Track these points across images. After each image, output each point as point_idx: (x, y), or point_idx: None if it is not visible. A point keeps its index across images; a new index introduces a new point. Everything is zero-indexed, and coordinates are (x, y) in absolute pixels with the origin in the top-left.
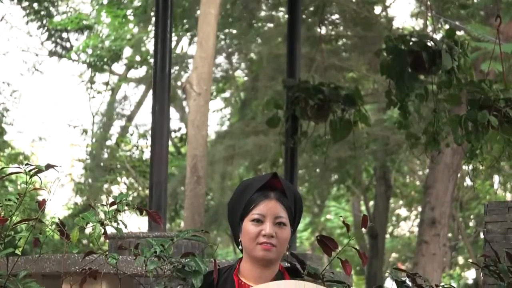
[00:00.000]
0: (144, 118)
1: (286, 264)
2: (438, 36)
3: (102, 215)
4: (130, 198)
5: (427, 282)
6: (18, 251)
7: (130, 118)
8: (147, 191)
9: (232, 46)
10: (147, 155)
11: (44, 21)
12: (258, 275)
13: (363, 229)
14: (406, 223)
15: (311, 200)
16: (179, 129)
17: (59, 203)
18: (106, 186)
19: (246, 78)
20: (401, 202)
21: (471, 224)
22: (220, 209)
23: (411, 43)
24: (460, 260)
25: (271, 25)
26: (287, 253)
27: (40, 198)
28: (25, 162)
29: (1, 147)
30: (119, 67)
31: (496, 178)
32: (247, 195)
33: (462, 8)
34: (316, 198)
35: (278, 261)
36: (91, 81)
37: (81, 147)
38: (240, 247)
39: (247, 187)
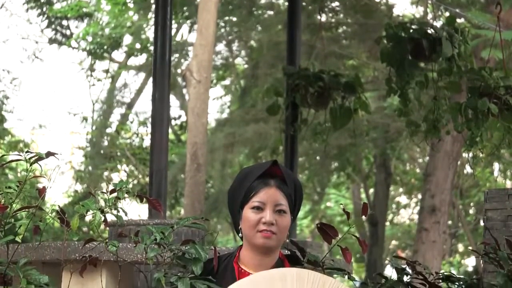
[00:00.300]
0: (144, 106)
1: (286, 251)
2: (438, 24)
3: (102, 203)
4: (130, 185)
5: (427, 270)
6: (18, 239)
7: (130, 106)
8: (147, 179)
9: (232, 33)
10: (147, 142)
11: (44, 9)
12: (258, 263)
13: (363, 217)
14: (406, 211)
15: (311, 187)
16: (179, 116)
17: (59, 190)
18: (106, 173)
19: (246, 66)
20: (401, 189)
21: (471, 211)
22: (220, 196)
23: (411, 30)
24: (460, 247)
25: (271, 12)
26: (287, 240)
27: (40, 186)
28: (25, 149)
29: (1, 134)
30: (119, 54)
31: (496, 166)
32: (247, 182)
33: None
34: (316, 185)
35: (278, 249)
36: (91, 68)
37: (81, 134)
38: (240, 234)
39: (247, 174)
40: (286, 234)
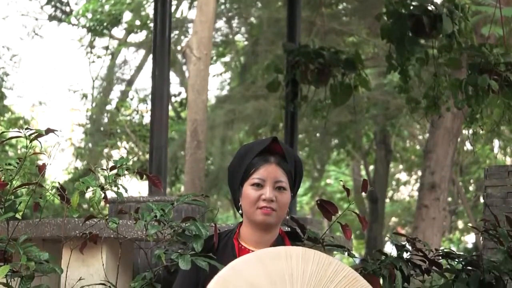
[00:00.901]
0: (144, 83)
1: (287, 228)
2: (438, 0)
3: (102, 180)
4: (130, 162)
5: (426, 246)
6: (18, 216)
7: (130, 83)
8: (147, 156)
9: (232, 10)
10: (147, 119)
11: None
12: (258, 239)
13: (363, 194)
14: (406, 188)
15: (311, 164)
16: (179, 93)
17: (59, 167)
18: (106, 150)
19: (246, 43)
20: (401, 166)
21: (471, 188)
22: (220, 173)
23: (411, 7)
24: (460, 224)
25: None
26: (287, 217)
27: (40, 163)
28: (25, 126)
29: (1, 111)
30: (119, 31)
31: (496, 143)
32: (247, 159)
33: None
34: (316, 162)
35: (278, 226)
36: (91, 45)
37: (81, 111)
38: (240, 211)
39: (247, 151)
40: (286, 211)
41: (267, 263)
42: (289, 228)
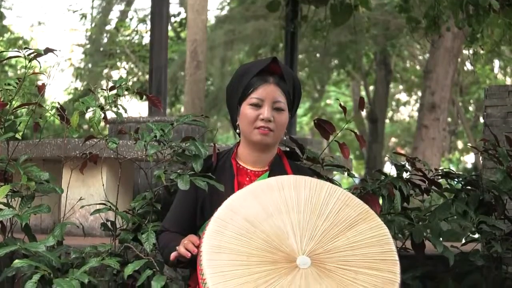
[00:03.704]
0: (144, 2)
1: (286, 148)
2: None
3: (102, 100)
4: (130, 83)
5: (426, 166)
6: (18, 136)
7: (129, 3)
8: (147, 76)
9: None
10: (146, 40)
11: None
12: (256, 159)
13: (363, 114)
14: (406, 108)
15: (311, 85)
16: (179, 13)
17: (59, 88)
18: (106, 71)
19: None
20: (401, 86)
21: (470, 108)
22: (220, 94)
23: None
24: (460, 144)
25: None
26: (285, 138)
27: (39, 83)
28: (24, 46)
29: (0, 32)
30: None
31: (497, 62)
32: (246, 79)
33: None
34: (316, 83)
35: (276, 145)
36: None
37: (80, 31)
38: (237, 131)
39: (246, 71)
40: (284, 132)
41: (261, 196)
42: (288, 149)
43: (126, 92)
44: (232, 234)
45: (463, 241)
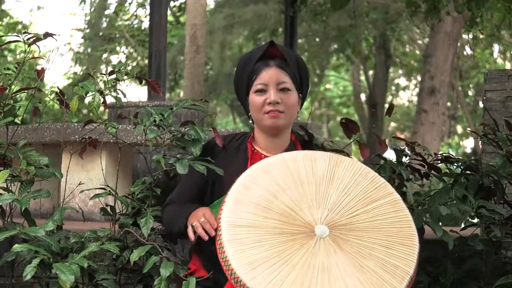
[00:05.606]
0: None
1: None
2: None
3: (101, 85)
4: (129, 67)
5: (425, 151)
6: (17, 120)
7: None
8: (146, 61)
9: None
10: (146, 24)
11: None
12: (270, 145)
13: (362, 98)
14: (405, 93)
15: (311, 69)
16: None
17: (58, 72)
18: (105, 55)
19: None
20: (400, 71)
21: (470, 93)
22: (219, 78)
23: None
24: (459, 129)
25: None
26: (299, 118)
27: (39, 67)
28: (24, 31)
29: (0, 16)
30: None
31: (496, 47)
32: (248, 67)
33: None
34: (315, 67)
35: (289, 129)
36: None
37: (79, 16)
38: (251, 121)
39: (246, 61)
40: (296, 112)
41: (274, 168)
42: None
43: (125, 77)
44: (250, 207)
45: (462, 225)
